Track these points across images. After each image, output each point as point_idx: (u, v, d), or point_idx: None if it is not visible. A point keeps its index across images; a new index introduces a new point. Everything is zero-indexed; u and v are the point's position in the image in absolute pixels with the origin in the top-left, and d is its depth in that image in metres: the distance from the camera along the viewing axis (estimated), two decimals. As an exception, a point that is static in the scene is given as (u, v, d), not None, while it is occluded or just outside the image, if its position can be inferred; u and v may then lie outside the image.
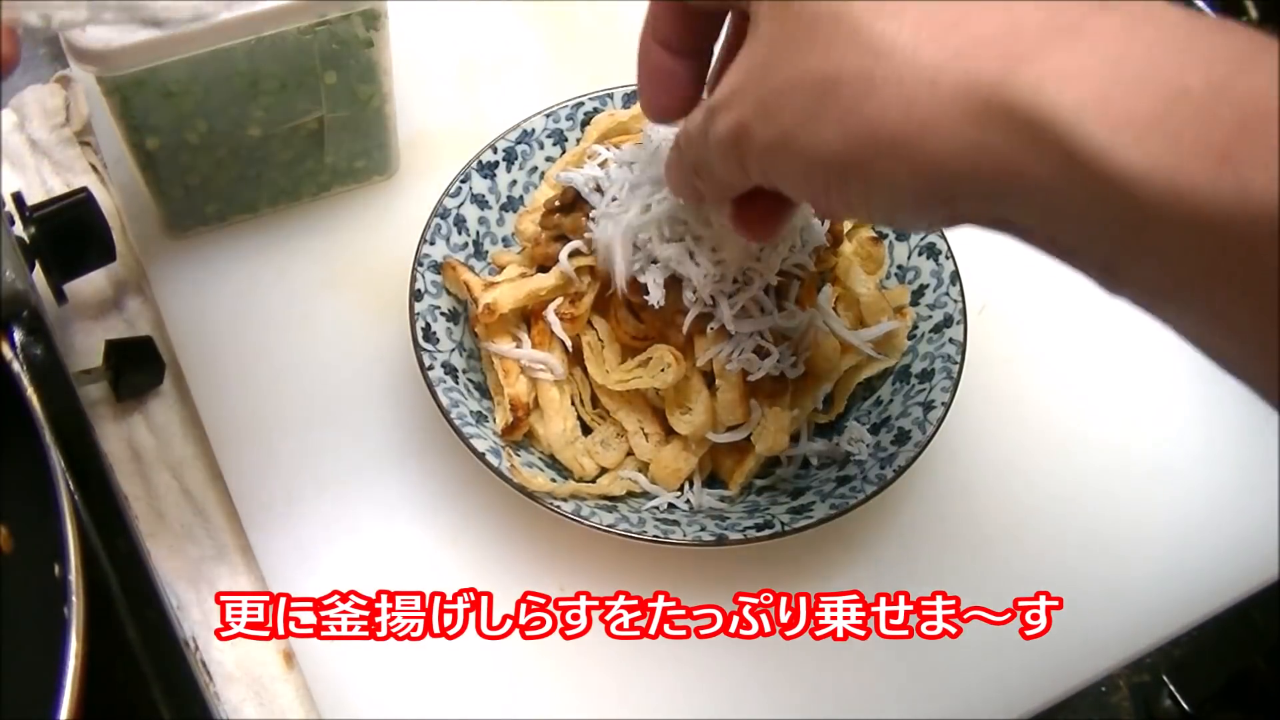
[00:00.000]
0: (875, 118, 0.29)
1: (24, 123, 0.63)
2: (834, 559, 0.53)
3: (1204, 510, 0.56)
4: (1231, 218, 0.24)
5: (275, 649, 0.51)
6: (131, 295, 0.60)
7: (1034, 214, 0.28)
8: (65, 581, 0.40)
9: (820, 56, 0.30)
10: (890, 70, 0.29)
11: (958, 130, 0.28)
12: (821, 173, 0.32)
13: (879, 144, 0.30)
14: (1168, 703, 0.54)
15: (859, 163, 0.31)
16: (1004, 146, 0.27)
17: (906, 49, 0.29)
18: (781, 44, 0.32)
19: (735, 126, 0.34)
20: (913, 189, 0.30)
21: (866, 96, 0.29)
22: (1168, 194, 0.25)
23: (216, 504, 0.54)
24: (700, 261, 0.47)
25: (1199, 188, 0.24)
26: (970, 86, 0.27)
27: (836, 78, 0.30)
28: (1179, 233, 0.25)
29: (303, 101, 0.55)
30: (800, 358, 0.51)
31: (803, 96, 0.31)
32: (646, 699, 0.50)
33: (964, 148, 0.28)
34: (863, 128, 0.30)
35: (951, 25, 0.28)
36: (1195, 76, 0.25)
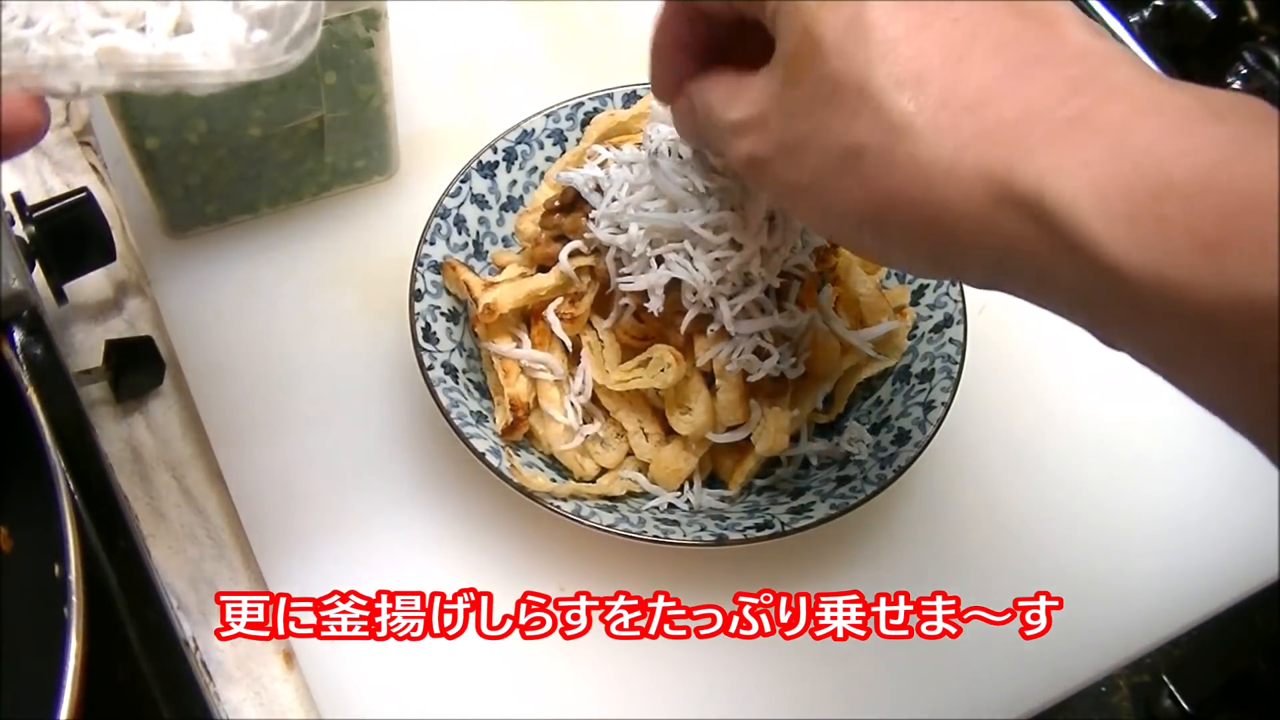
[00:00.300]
0: (894, 191, 0.31)
1: (24, 123, 0.63)
2: (834, 559, 0.53)
3: (1204, 510, 0.56)
4: (1216, 305, 0.26)
5: (275, 649, 0.51)
6: (131, 295, 0.60)
7: (1035, 290, 0.31)
8: (65, 581, 0.40)
9: (843, 125, 0.32)
10: (910, 151, 0.31)
11: (970, 211, 0.30)
12: (838, 221, 0.34)
13: (897, 213, 0.32)
14: (1168, 703, 0.54)
15: (877, 224, 0.33)
16: (1011, 229, 0.29)
17: (926, 132, 0.30)
18: (806, 93, 0.33)
19: (755, 158, 0.36)
20: (925, 254, 0.32)
21: (887, 171, 0.31)
22: (1156, 281, 0.26)
23: (216, 504, 0.54)
24: (700, 265, 0.47)
25: (1185, 276, 0.26)
26: (983, 173, 0.29)
27: (859, 149, 0.32)
28: (1168, 317, 0.27)
29: (303, 101, 0.55)
30: (800, 358, 0.51)
31: (825, 156, 0.33)
32: (646, 699, 0.50)
33: (975, 227, 0.30)
34: (884, 196, 0.32)
35: (967, 110, 0.30)
36: (1184, 168, 0.27)
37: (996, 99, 0.30)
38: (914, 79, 0.31)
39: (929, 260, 0.33)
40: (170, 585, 0.51)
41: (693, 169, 0.47)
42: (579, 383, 0.52)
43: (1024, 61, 0.31)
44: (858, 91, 0.31)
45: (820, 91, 0.33)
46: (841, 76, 0.32)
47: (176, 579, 0.52)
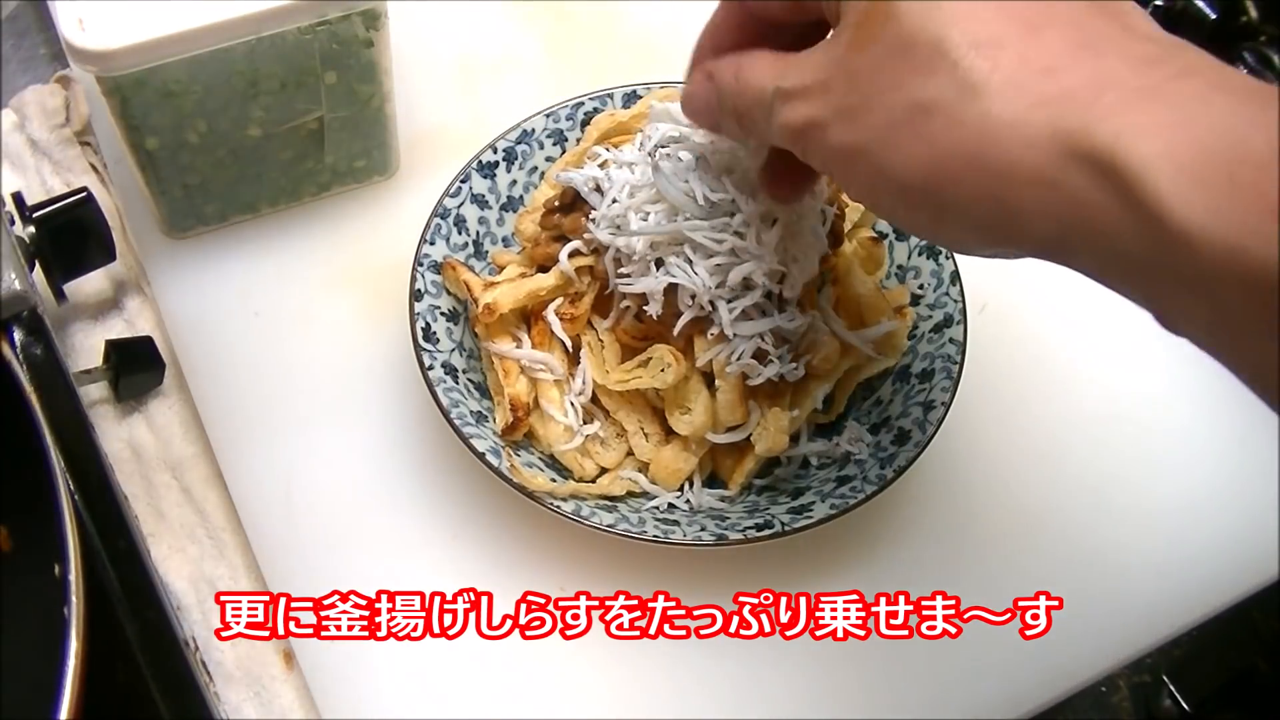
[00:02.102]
0: (961, 150, 0.31)
1: (24, 123, 0.63)
2: (834, 559, 0.53)
3: (1204, 511, 0.56)
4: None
5: (275, 649, 0.51)
6: (131, 295, 0.60)
7: (1098, 257, 0.30)
8: (65, 581, 0.40)
9: (915, 80, 0.32)
10: (982, 108, 0.30)
11: (1038, 170, 0.30)
12: (895, 190, 0.33)
13: (961, 174, 0.31)
14: (1168, 703, 0.54)
15: (936, 189, 0.32)
16: (1080, 190, 0.29)
17: (1000, 90, 0.30)
18: (875, 54, 0.33)
19: (808, 121, 0.35)
20: (985, 221, 0.32)
21: (955, 128, 0.31)
22: (1225, 247, 0.26)
23: (216, 504, 0.54)
24: (699, 270, 0.47)
25: (1255, 244, 0.26)
26: (1054, 132, 0.29)
27: (929, 105, 0.31)
28: (1234, 286, 0.27)
29: (303, 101, 0.55)
30: (800, 361, 0.51)
31: (891, 113, 0.32)
32: (646, 699, 0.50)
33: (1041, 188, 0.30)
34: (947, 156, 0.31)
35: (1043, 72, 0.30)
36: (1260, 140, 0.27)
37: (1072, 67, 0.30)
38: (991, 41, 0.31)
39: (986, 228, 0.32)
40: (170, 585, 0.51)
41: (696, 177, 0.47)
42: (579, 383, 0.52)
43: (1098, 38, 0.31)
44: (933, 48, 0.31)
45: (892, 51, 0.32)
46: (917, 35, 0.32)
47: (176, 579, 0.52)
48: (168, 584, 0.51)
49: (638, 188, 0.49)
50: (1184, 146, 0.27)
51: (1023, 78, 0.30)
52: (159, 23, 0.48)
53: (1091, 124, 0.29)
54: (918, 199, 0.33)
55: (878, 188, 0.34)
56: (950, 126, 0.31)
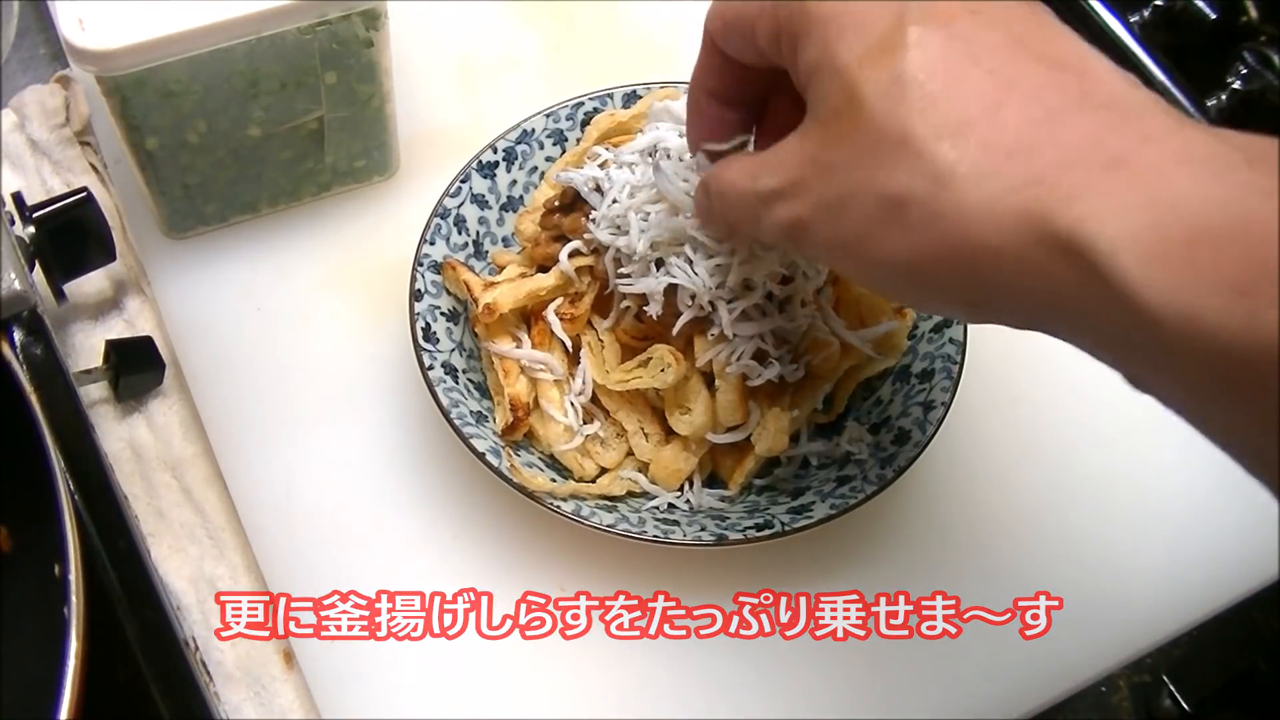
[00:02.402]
0: (937, 239, 0.32)
1: (24, 123, 0.63)
2: (834, 559, 0.53)
3: (1204, 510, 0.56)
4: (1245, 348, 0.27)
5: (275, 649, 0.51)
6: (131, 295, 0.60)
7: (1070, 331, 0.32)
8: (65, 581, 0.40)
9: (886, 176, 0.33)
10: (953, 198, 0.31)
11: (1010, 253, 0.31)
12: (882, 275, 0.35)
13: (939, 260, 0.32)
14: (1168, 703, 0.54)
15: (917, 274, 0.33)
16: (1049, 271, 0.30)
17: (968, 178, 0.31)
18: (845, 152, 0.34)
19: (795, 220, 0.36)
20: (964, 300, 0.34)
21: (931, 219, 0.32)
22: (1188, 323, 0.27)
23: (216, 504, 0.54)
24: (699, 270, 0.47)
25: (1216, 319, 0.27)
26: (1021, 217, 0.30)
27: (903, 199, 0.32)
28: (1197, 360, 0.28)
29: (303, 101, 0.55)
30: (800, 361, 0.51)
31: (868, 209, 0.33)
32: (646, 699, 0.50)
33: (1014, 269, 0.31)
34: (925, 246, 0.32)
35: (1007, 156, 0.31)
36: (1217, 213, 0.28)
37: (1035, 145, 0.31)
38: (954, 128, 0.32)
39: (967, 305, 0.34)
40: (170, 585, 0.51)
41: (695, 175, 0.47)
42: (579, 383, 0.52)
43: (1060, 108, 0.31)
44: (900, 143, 0.32)
45: (862, 147, 0.33)
46: (884, 131, 0.33)
47: (176, 579, 0.52)
48: (168, 584, 0.51)
49: (638, 188, 0.49)
50: (1144, 226, 0.28)
51: (988, 164, 0.31)
52: (159, 23, 0.48)
53: (1056, 208, 0.30)
54: (904, 283, 0.35)
55: (869, 274, 0.36)
56: (925, 219, 0.32)
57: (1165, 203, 0.28)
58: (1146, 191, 0.29)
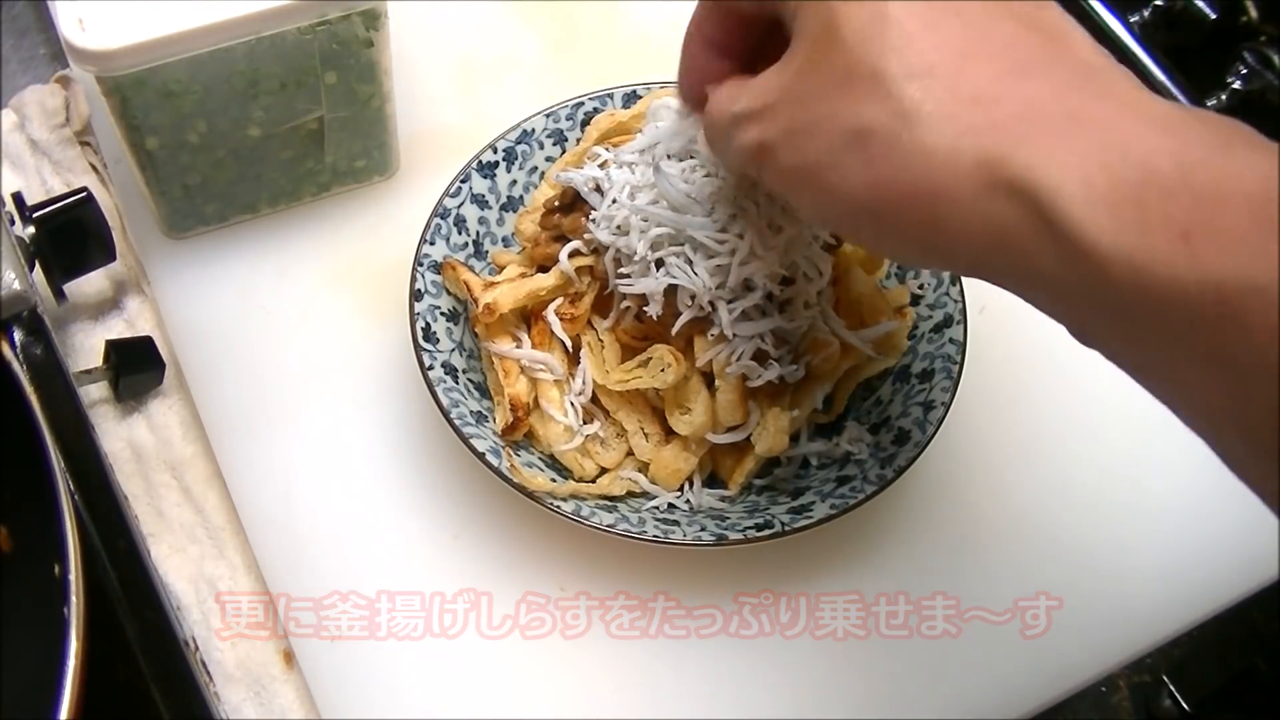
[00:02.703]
0: (898, 175, 0.33)
1: (24, 123, 0.63)
2: (834, 559, 0.53)
3: (1204, 510, 0.56)
4: (1187, 292, 0.28)
5: (275, 649, 0.51)
6: (131, 295, 0.59)
7: (1020, 278, 0.32)
8: (65, 581, 0.40)
9: (853, 108, 0.33)
10: (915, 136, 0.32)
11: (964, 196, 0.31)
12: (837, 210, 0.35)
13: (897, 197, 0.33)
14: (1168, 703, 0.54)
15: (875, 209, 0.34)
16: (1001, 215, 0.31)
17: (930, 120, 0.32)
18: (819, 80, 0.35)
19: (759, 144, 0.37)
20: (919, 240, 0.34)
21: (891, 155, 0.33)
22: (1132, 267, 0.28)
23: (216, 504, 0.54)
24: (699, 270, 0.47)
25: (1160, 263, 0.28)
26: (978, 160, 0.31)
27: (867, 132, 0.33)
28: (1143, 304, 0.29)
29: (303, 101, 0.55)
30: (801, 361, 0.51)
31: (831, 138, 0.34)
32: (646, 699, 0.50)
33: (966, 212, 0.32)
34: (884, 180, 0.33)
35: (971, 102, 0.32)
36: (1167, 163, 0.29)
37: (998, 96, 0.32)
38: (925, 70, 0.32)
39: (919, 246, 0.34)
40: (170, 585, 0.51)
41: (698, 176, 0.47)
42: (579, 383, 0.52)
43: (1027, 63, 0.33)
44: (871, 78, 0.33)
45: (834, 78, 0.34)
46: (857, 64, 0.33)
47: (176, 579, 0.52)
48: (168, 584, 0.51)
49: (638, 188, 0.49)
50: (1096, 173, 0.29)
51: (951, 108, 0.32)
52: (159, 23, 0.48)
53: (1011, 152, 0.31)
54: (860, 218, 0.35)
55: (824, 206, 0.36)
56: (886, 153, 0.33)
57: (1117, 151, 0.29)
58: (1100, 141, 0.30)
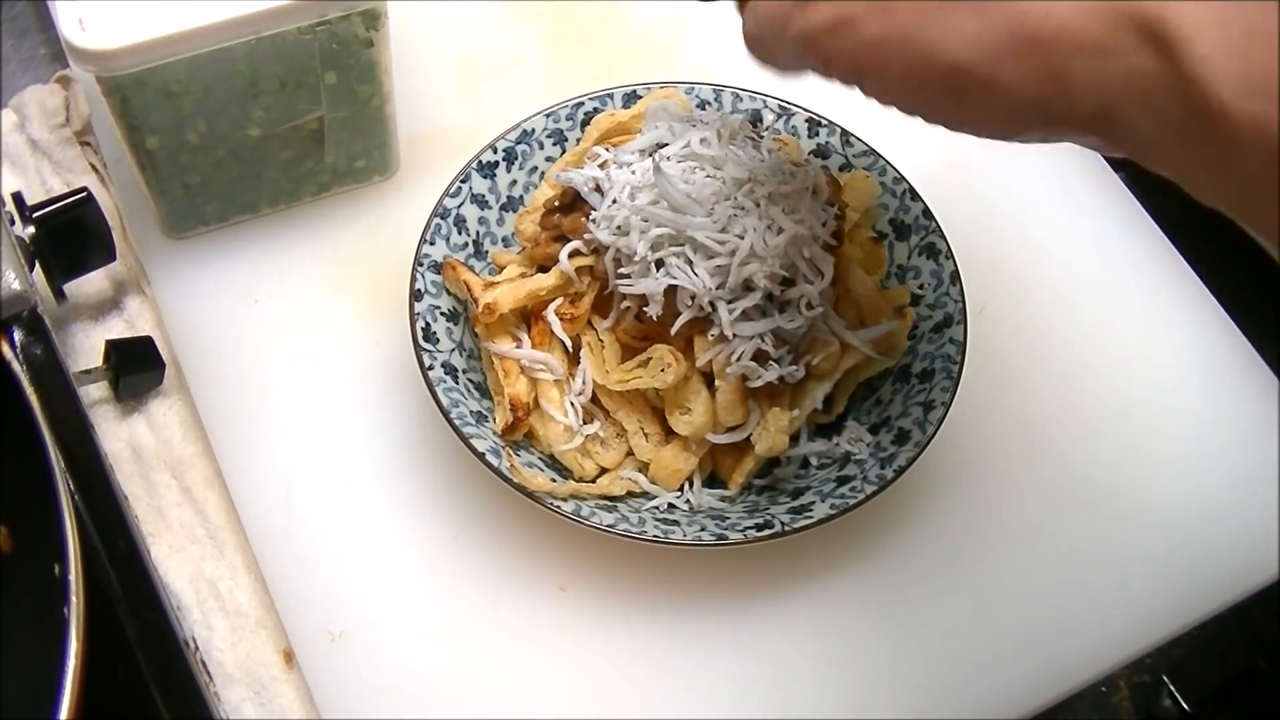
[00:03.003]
0: (1015, 21, 0.31)
1: (24, 123, 0.63)
2: (834, 559, 0.53)
3: (1203, 511, 0.56)
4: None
5: (275, 649, 0.51)
6: (131, 295, 0.59)
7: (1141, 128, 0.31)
8: (65, 581, 0.40)
9: None
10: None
11: (1092, 39, 0.30)
12: (940, 74, 0.33)
13: (1015, 47, 0.31)
14: (1168, 703, 0.54)
15: (987, 66, 0.32)
16: (1129, 57, 0.30)
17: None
18: None
19: (835, 18, 0.34)
20: (1036, 95, 0.32)
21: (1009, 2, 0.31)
22: (1253, 119, 0.28)
23: (216, 504, 0.54)
24: (699, 271, 0.47)
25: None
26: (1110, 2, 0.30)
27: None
28: (1265, 162, 0.28)
29: (303, 101, 0.55)
30: (801, 361, 0.51)
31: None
32: (646, 699, 0.50)
33: (1095, 57, 0.30)
34: (1001, 29, 0.31)
35: None
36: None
37: None
38: None
39: (1036, 103, 0.32)
40: (170, 585, 0.51)
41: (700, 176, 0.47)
42: (579, 383, 0.52)
43: None
44: None
45: None
46: None
47: (176, 579, 0.52)
48: (168, 584, 0.51)
49: (638, 189, 0.49)
50: (1230, 19, 0.29)
51: None
52: (159, 23, 0.48)
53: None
54: (964, 80, 0.32)
55: (917, 74, 0.33)
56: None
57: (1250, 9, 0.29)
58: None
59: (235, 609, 0.51)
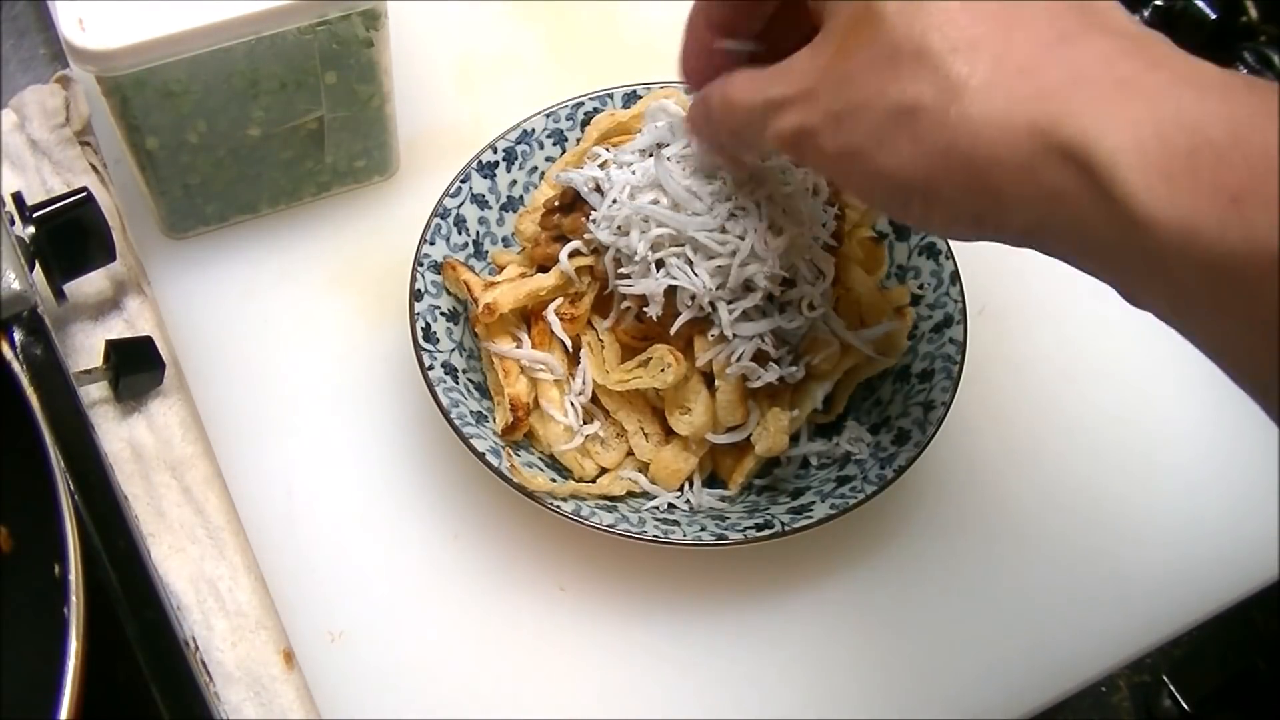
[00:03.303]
0: (947, 148, 0.33)
1: (24, 123, 0.63)
2: (834, 559, 0.53)
3: (1204, 510, 0.56)
4: (1237, 256, 0.28)
5: (275, 649, 0.51)
6: (131, 295, 0.59)
7: (1073, 242, 0.32)
8: (65, 581, 0.40)
9: (900, 85, 0.34)
10: (963, 109, 0.32)
11: (1018, 164, 0.32)
12: (886, 187, 0.36)
13: (948, 170, 0.33)
14: (1168, 703, 0.54)
15: (926, 184, 0.34)
16: (1055, 181, 0.31)
17: (979, 92, 0.32)
18: (861, 61, 0.35)
19: (801, 128, 0.37)
20: (972, 211, 0.34)
21: (941, 129, 0.33)
22: (1185, 232, 0.28)
23: (216, 504, 0.54)
24: (699, 271, 0.47)
25: (1210, 227, 0.28)
26: (1031, 128, 0.31)
27: (915, 108, 0.33)
28: (1193, 267, 0.29)
29: (303, 101, 0.55)
30: (801, 361, 0.51)
31: (878, 118, 0.34)
32: (647, 699, 0.50)
33: (1020, 180, 0.32)
34: (935, 155, 0.33)
35: (1019, 72, 0.32)
36: (1219, 128, 0.29)
37: (1045, 64, 0.32)
38: (968, 44, 0.33)
39: (972, 217, 0.34)
40: (170, 585, 0.51)
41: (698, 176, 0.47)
42: (579, 383, 0.52)
43: (1071, 33, 0.33)
44: (915, 56, 0.33)
45: (878, 58, 0.34)
46: (900, 43, 0.34)
47: (176, 579, 0.52)
48: (168, 584, 0.51)
49: (638, 188, 0.49)
50: (1149, 138, 0.29)
51: (999, 78, 0.32)
52: (159, 23, 0.48)
53: (1064, 119, 0.31)
54: (910, 194, 0.35)
55: (872, 186, 0.36)
56: (935, 127, 0.33)
57: (1169, 117, 0.29)
58: (1151, 107, 0.30)
59: (235, 609, 0.51)
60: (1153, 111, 0.30)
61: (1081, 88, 0.31)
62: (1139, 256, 0.30)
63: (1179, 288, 0.30)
